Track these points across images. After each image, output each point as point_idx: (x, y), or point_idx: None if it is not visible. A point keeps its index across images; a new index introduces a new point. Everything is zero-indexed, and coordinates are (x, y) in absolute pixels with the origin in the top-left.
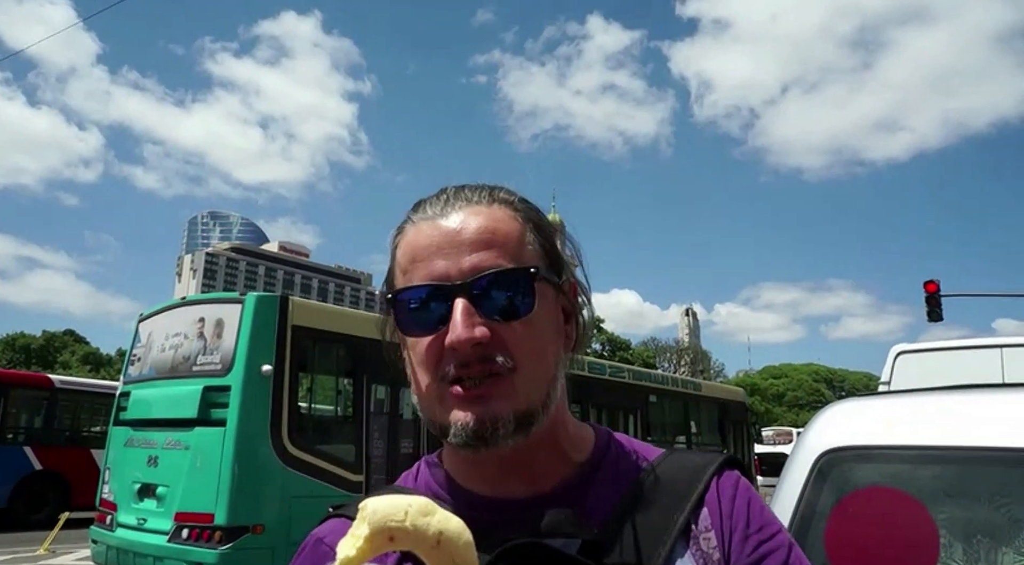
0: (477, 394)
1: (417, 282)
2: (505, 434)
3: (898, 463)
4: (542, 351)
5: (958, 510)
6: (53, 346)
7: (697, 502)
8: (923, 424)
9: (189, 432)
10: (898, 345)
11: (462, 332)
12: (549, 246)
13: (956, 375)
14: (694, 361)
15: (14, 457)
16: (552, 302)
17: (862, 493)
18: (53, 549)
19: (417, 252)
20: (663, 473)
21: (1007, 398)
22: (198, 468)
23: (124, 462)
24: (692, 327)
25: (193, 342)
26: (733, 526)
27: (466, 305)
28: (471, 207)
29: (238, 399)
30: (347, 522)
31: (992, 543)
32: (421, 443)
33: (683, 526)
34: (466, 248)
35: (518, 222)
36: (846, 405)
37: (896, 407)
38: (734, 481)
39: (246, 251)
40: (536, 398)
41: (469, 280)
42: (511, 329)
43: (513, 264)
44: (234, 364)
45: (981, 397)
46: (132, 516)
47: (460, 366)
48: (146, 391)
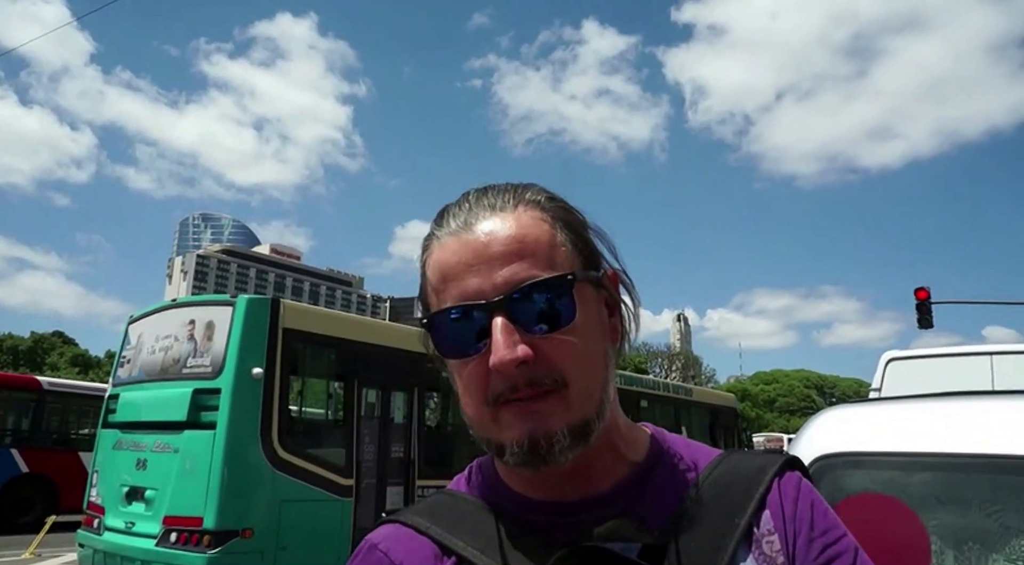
0: (531, 409)
1: (451, 302)
2: (561, 450)
3: (890, 470)
4: (590, 358)
5: (949, 517)
6: (41, 348)
7: (759, 504)
8: (914, 431)
9: (178, 435)
10: (889, 352)
11: (504, 353)
12: (582, 242)
13: (946, 382)
14: (685, 366)
15: (2, 460)
16: (594, 300)
17: (854, 499)
18: (39, 553)
19: (447, 271)
20: (722, 474)
21: (997, 405)
22: (187, 471)
23: (112, 465)
24: (683, 332)
25: (183, 344)
26: (797, 529)
27: (505, 323)
28: (495, 215)
29: (228, 402)
30: (400, 528)
31: (983, 550)
32: (412, 447)
33: (745, 529)
34: (497, 262)
35: (547, 223)
36: (838, 412)
37: (888, 414)
38: (796, 482)
39: (237, 253)
40: (590, 408)
41: (504, 295)
42: (555, 341)
43: (548, 272)
44: (224, 367)
45: (971, 404)
46: (120, 520)
47: (509, 390)
48: (135, 393)
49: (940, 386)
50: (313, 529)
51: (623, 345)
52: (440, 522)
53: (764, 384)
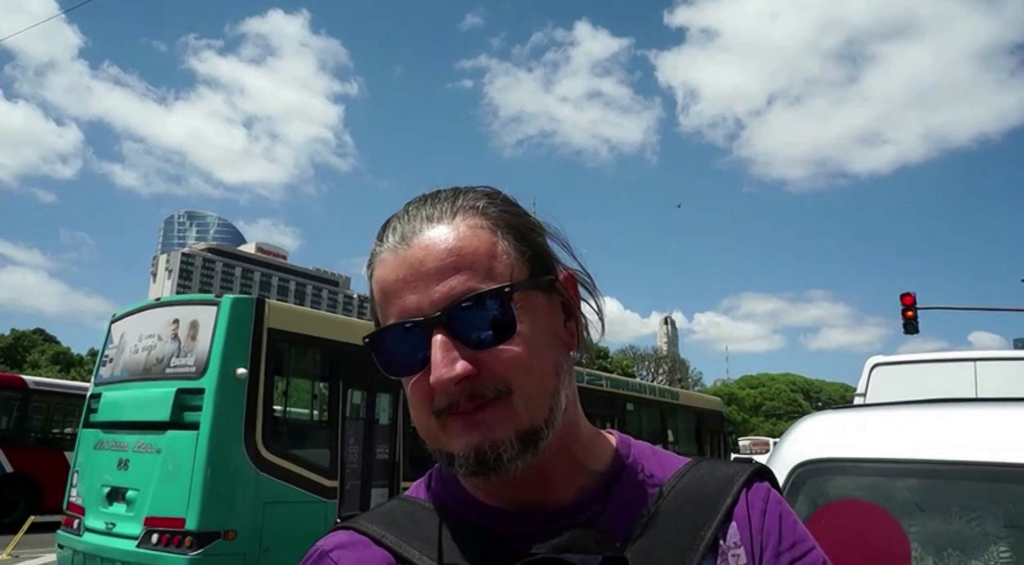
0: (475, 421)
1: (393, 320)
2: (510, 458)
3: (872, 476)
4: (537, 367)
5: (930, 523)
6: (22, 345)
7: (725, 516)
8: (897, 438)
9: (161, 435)
10: (874, 357)
11: (443, 371)
12: (529, 247)
13: (931, 388)
14: (672, 370)
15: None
16: (544, 307)
17: (836, 505)
18: (16, 554)
19: (386, 288)
20: (688, 483)
21: (979, 413)
22: (170, 472)
23: (93, 465)
24: (671, 336)
25: (167, 344)
26: (764, 542)
27: (444, 339)
28: (432, 227)
29: (212, 402)
30: (354, 535)
31: (962, 557)
32: (396, 448)
33: (710, 541)
34: (433, 277)
35: (487, 231)
36: (822, 417)
37: (871, 420)
38: (764, 494)
39: (223, 252)
40: (538, 415)
41: (442, 311)
42: (497, 354)
43: (487, 284)
44: (208, 367)
45: (954, 412)
46: (101, 520)
47: (448, 406)
48: (118, 393)
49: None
50: (297, 531)
51: (581, 349)
52: (396, 530)
53: (750, 388)
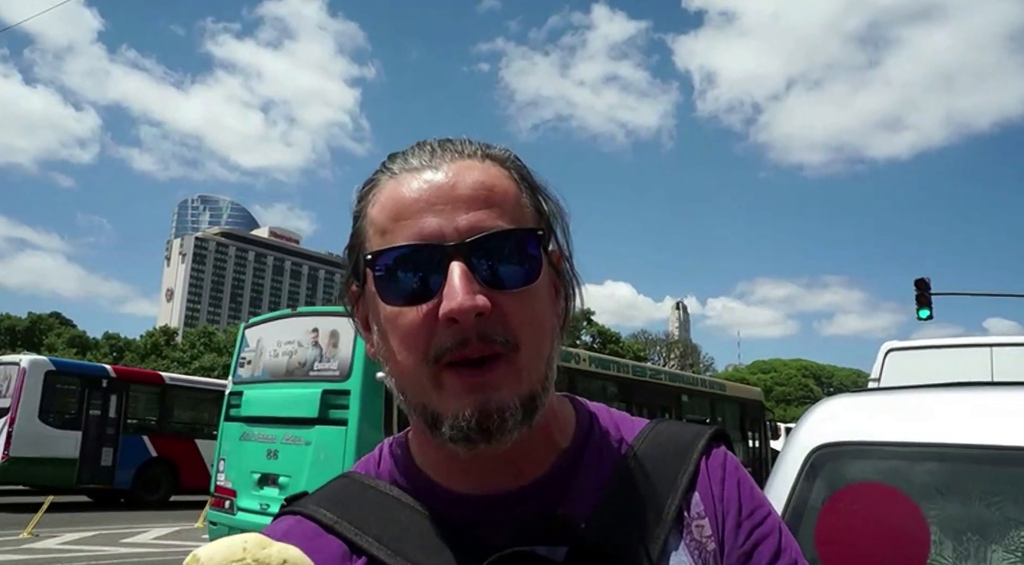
0: (481, 380)
1: (403, 242)
2: (513, 425)
3: (890, 459)
4: (543, 325)
5: (948, 507)
6: (39, 328)
7: (688, 485)
8: (915, 421)
9: (309, 430)
10: (889, 342)
11: (464, 298)
12: (543, 211)
13: (946, 373)
14: (683, 355)
15: (135, 446)
16: (547, 273)
17: (853, 489)
18: (36, 533)
19: (401, 208)
20: (648, 452)
21: (997, 396)
22: (321, 461)
23: (240, 454)
24: (682, 320)
25: (308, 350)
26: (725, 511)
27: (464, 269)
28: (463, 160)
29: (358, 402)
30: (303, 521)
31: (982, 541)
32: None
33: (675, 515)
34: (462, 204)
35: (513, 181)
36: (839, 401)
37: (888, 403)
38: (722, 460)
39: (236, 236)
40: (537, 379)
41: (468, 241)
42: (513, 299)
43: (513, 226)
44: (352, 371)
45: (972, 395)
46: (255, 502)
47: (457, 344)
48: (262, 392)
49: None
50: None
51: (564, 332)
52: (346, 515)
53: (762, 373)
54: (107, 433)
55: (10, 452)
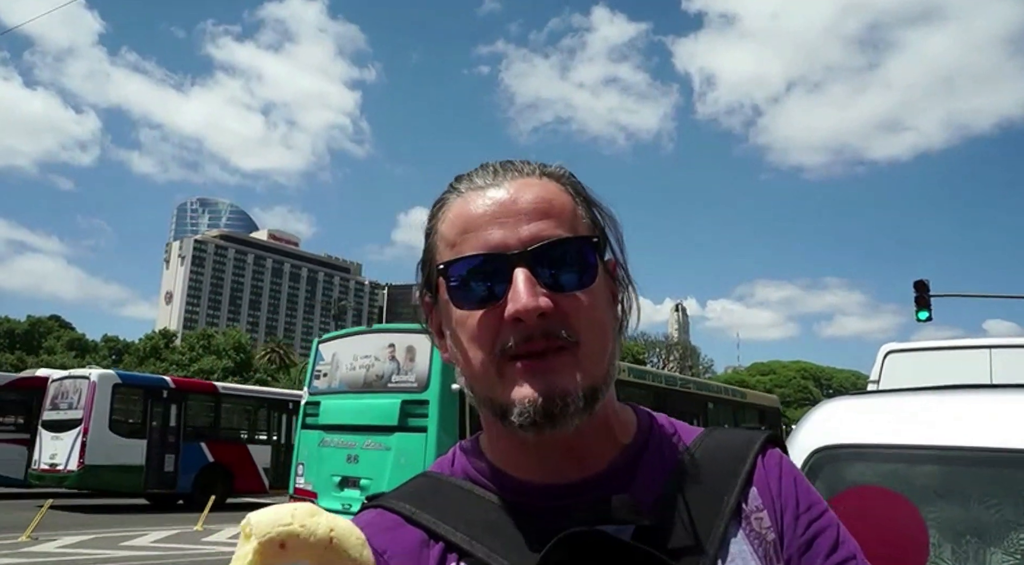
0: (543, 367)
1: (471, 252)
2: (575, 411)
3: (889, 462)
4: (604, 324)
5: (948, 510)
6: (38, 331)
7: (746, 481)
8: (915, 423)
9: (389, 436)
10: (887, 344)
11: (528, 300)
12: (598, 223)
13: (945, 375)
14: (683, 357)
15: (194, 452)
16: (604, 277)
17: (853, 491)
18: (35, 536)
19: (469, 222)
20: (707, 452)
21: (996, 399)
22: (402, 465)
23: (320, 459)
24: (682, 323)
25: (385, 364)
26: (784, 505)
27: (527, 274)
28: (523, 178)
29: (436, 411)
30: (384, 513)
31: (981, 543)
32: None
33: (734, 506)
34: (523, 217)
35: (569, 195)
36: (838, 403)
37: (888, 406)
38: (778, 459)
39: (235, 239)
40: (599, 373)
41: (529, 249)
42: (573, 301)
43: (572, 235)
44: (430, 383)
45: (971, 397)
46: (336, 502)
47: (523, 340)
48: (340, 402)
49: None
50: None
51: (623, 333)
52: (424, 506)
53: (761, 375)
54: (169, 441)
55: (85, 460)
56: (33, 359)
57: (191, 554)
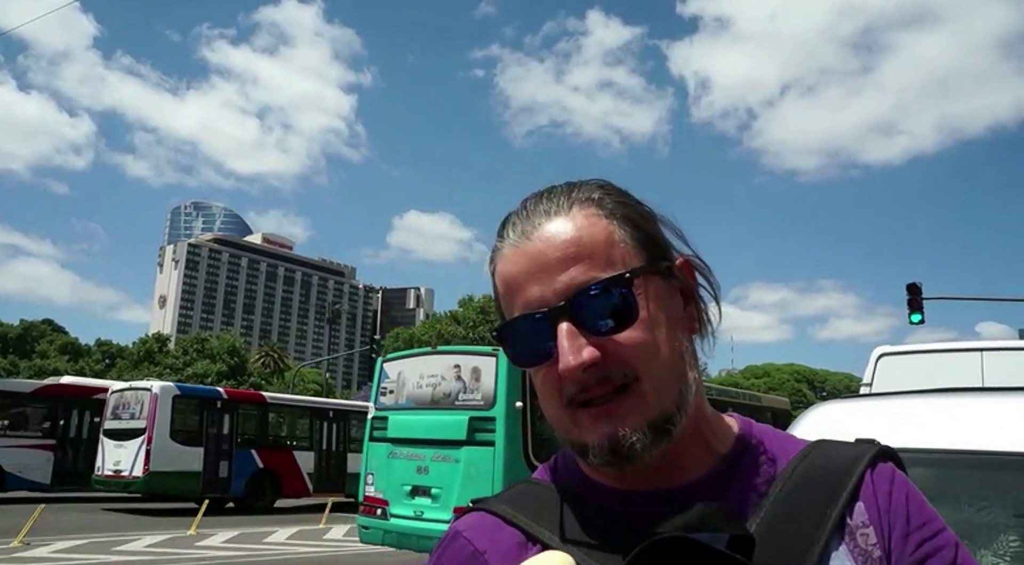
0: (606, 412)
1: (518, 313)
2: (644, 447)
3: None
4: (662, 350)
5: (939, 512)
6: (31, 335)
7: (851, 495)
8: (905, 426)
9: (458, 450)
10: (880, 347)
11: (570, 358)
12: (644, 235)
13: (937, 378)
14: None
15: (246, 458)
16: (664, 291)
17: None
18: (28, 541)
19: (510, 282)
20: (812, 465)
21: (987, 402)
22: (471, 475)
23: (390, 470)
24: None
25: (452, 383)
26: (892, 522)
27: (569, 328)
28: (550, 220)
29: (503, 427)
30: (485, 516)
31: (971, 545)
32: None
33: (837, 520)
34: (555, 268)
35: (603, 220)
36: (830, 406)
37: (879, 409)
38: (889, 474)
39: (229, 242)
40: (668, 400)
41: (565, 301)
42: (622, 340)
43: (607, 272)
44: (496, 401)
45: (962, 400)
46: (408, 509)
47: (579, 392)
48: (408, 417)
49: (930, 382)
50: None
51: (704, 332)
52: (525, 511)
53: (755, 377)
54: (223, 448)
55: (150, 467)
56: (26, 363)
57: (184, 558)
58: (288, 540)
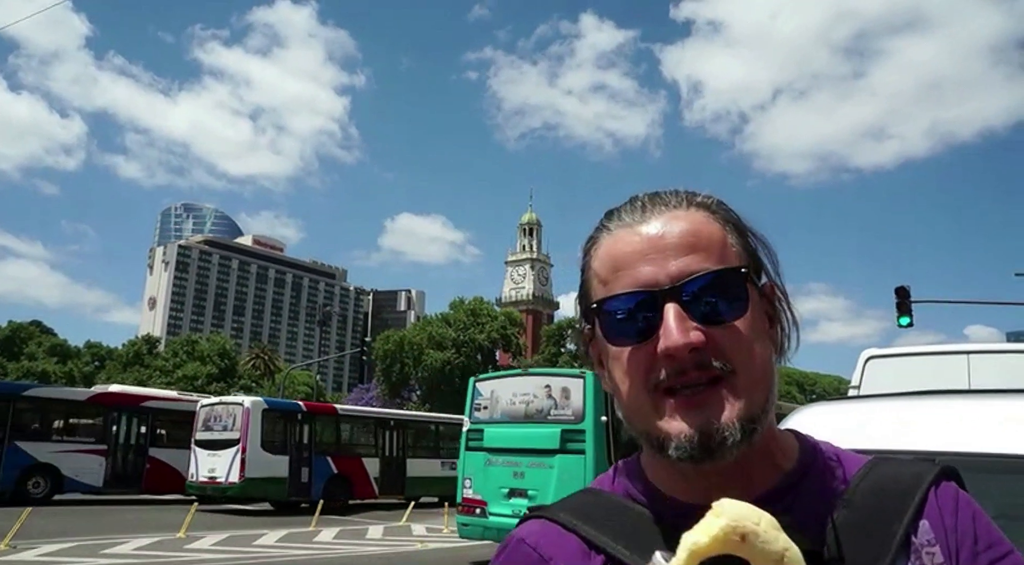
0: (697, 401)
1: (622, 290)
2: (733, 443)
3: None
4: (758, 353)
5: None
6: (19, 337)
7: (916, 513)
8: (891, 429)
9: (552, 457)
10: (868, 350)
11: (678, 337)
12: (750, 249)
13: (924, 380)
14: None
15: (323, 465)
16: (758, 304)
17: None
18: (14, 545)
19: (619, 260)
20: (874, 482)
21: (973, 404)
22: (564, 480)
23: (487, 475)
24: None
25: (543, 400)
26: (960, 541)
27: (678, 310)
28: (670, 212)
29: (591, 438)
30: (547, 524)
31: None
32: None
33: (903, 538)
34: (671, 253)
35: (718, 224)
36: (816, 409)
37: (866, 412)
38: (953, 493)
39: (219, 244)
40: (757, 402)
41: (679, 284)
42: (726, 332)
43: (720, 266)
44: (584, 416)
45: (948, 403)
46: (507, 509)
47: (676, 374)
48: (503, 430)
49: (918, 384)
50: None
51: (782, 358)
52: (587, 520)
53: None
54: (304, 456)
55: (245, 473)
56: (14, 365)
57: (172, 561)
58: (277, 543)
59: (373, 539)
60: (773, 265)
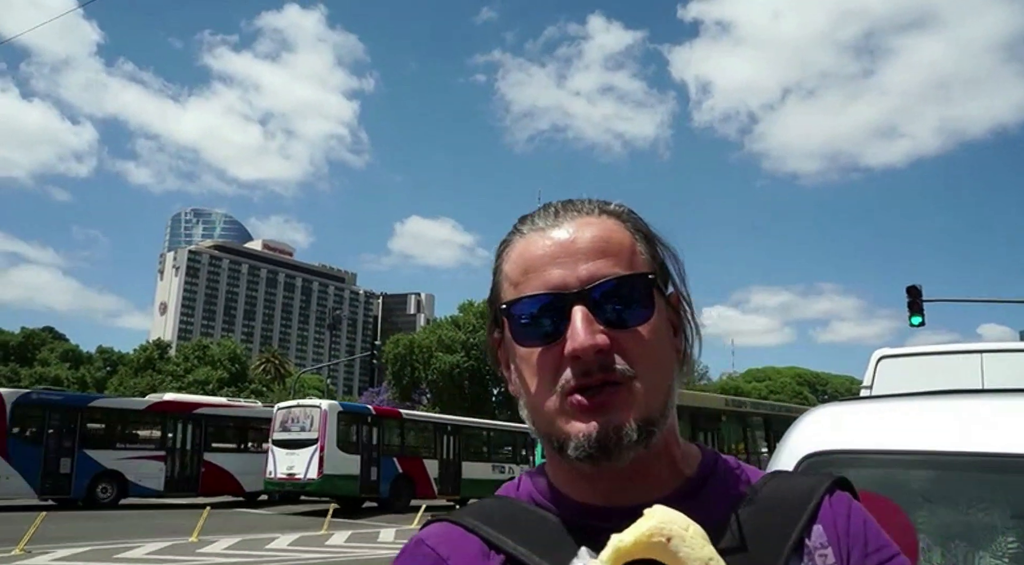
0: (599, 403)
1: (532, 292)
2: (629, 444)
3: (878, 467)
4: (660, 359)
5: (937, 514)
6: (32, 343)
7: (811, 517)
8: (904, 429)
9: None
10: (880, 349)
11: (585, 338)
12: (658, 258)
13: (937, 380)
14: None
15: (390, 465)
16: (663, 312)
17: None
18: (29, 549)
19: (530, 263)
20: (773, 490)
21: (986, 404)
22: None
23: None
24: None
25: None
26: (851, 545)
27: (585, 313)
28: (581, 218)
29: None
30: (449, 526)
31: (969, 547)
32: None
33: (797, 541)
34: (581, 256)
35: (628, 232)
36: (828, 409)
37: (878, 412)
38: (847, 502)
39: (229, 249)
40: (656, 406)
41: (587, 288)
42: (630, 336)
43: (628, 272)
44: None
45: (961, 403)
46: None
47: (581, 375)
48: None
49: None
50: None
51: (685, 367)
52: (489, 522)
53: (756, 381)
54: (373, 456)
55: (323, 470)
56: (27, 370)
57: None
58: (290, 546)
59: (385, 542)
60: (680, 275)
